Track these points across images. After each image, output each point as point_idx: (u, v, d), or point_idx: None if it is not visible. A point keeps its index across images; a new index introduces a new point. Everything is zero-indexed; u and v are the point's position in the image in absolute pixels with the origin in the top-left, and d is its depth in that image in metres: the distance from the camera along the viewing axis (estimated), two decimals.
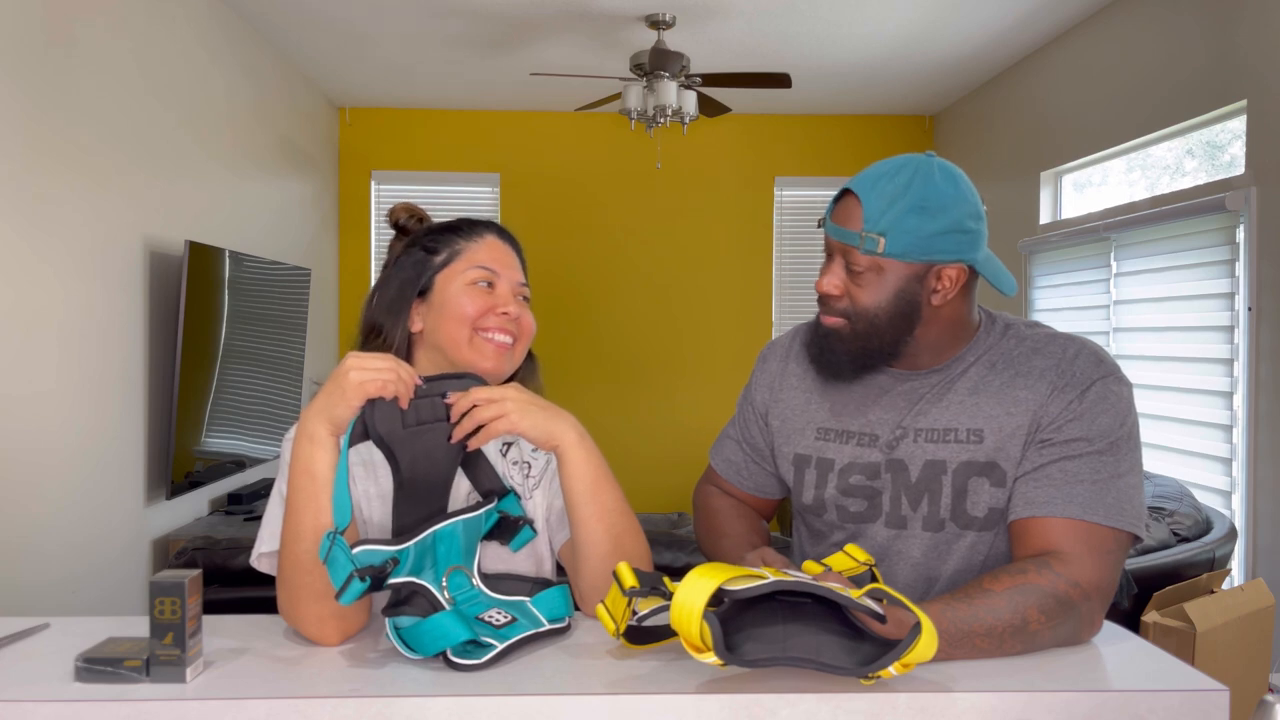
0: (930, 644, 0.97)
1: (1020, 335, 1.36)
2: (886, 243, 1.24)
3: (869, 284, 1.28)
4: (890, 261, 1.26)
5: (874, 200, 1.25)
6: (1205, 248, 3.44)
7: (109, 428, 3.17)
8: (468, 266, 1.31)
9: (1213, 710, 1.00)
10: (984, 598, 1.12)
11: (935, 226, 1.25)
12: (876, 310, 1.29)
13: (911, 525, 1.34)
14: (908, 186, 1.25)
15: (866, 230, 1.25)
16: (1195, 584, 2.43)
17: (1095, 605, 1.18)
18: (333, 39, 4.58)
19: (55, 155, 2.85)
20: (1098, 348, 1.32)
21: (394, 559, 1.08)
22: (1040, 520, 1.23)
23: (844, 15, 4.22)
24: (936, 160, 1.29)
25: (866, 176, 1.28)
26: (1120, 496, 1.22)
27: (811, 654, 0.99)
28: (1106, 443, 1.24)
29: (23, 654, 1.10)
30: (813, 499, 1.41)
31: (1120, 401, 1.27)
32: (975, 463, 1.29)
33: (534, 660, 1.09)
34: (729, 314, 6.04)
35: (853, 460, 1.37)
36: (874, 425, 1.36)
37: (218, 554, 2.51)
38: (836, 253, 1.31)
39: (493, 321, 1.29)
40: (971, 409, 1.31)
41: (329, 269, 5.68)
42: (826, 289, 1.32)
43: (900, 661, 0.96)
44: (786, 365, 1.49)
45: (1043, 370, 1.30)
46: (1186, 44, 3.55)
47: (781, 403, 1.47)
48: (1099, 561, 1.19)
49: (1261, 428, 3.14)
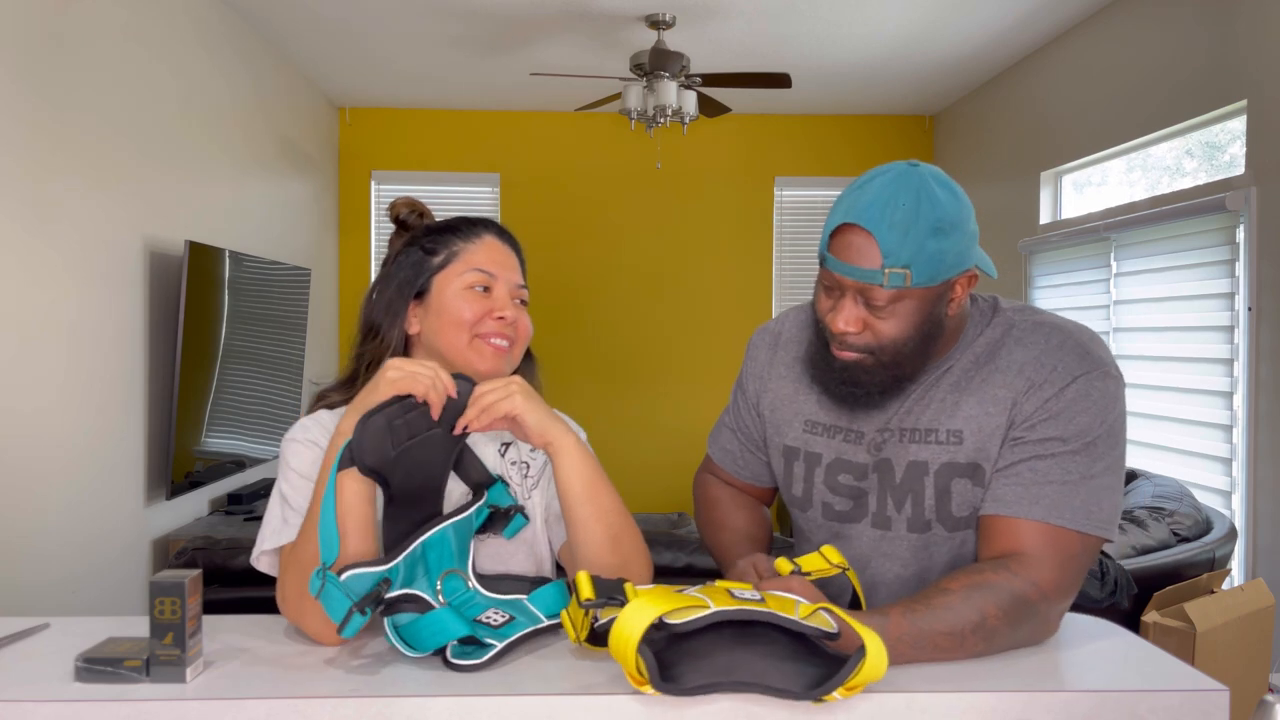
0: (879, 664, 0.95)
1: (1008, 322, 1.31)
2: (913, 274, 1.18)
3: (892, 316, 1.22)
4: (913, 290, 1.20)
5: (888, 233, 1.17)
6: (1205, 248, 3.44)
7: (109, 427, 3.17)
8: (465, 269, 1.30)
9: (1213, 710, 1.00)
10: (942, 597, 1.11)
11: (953, 243, 1.19)
12: (904, 339, 1.23)
13: (896, 526, 1.32)
14: (915, 210, 1.17)
15: (888, 266, 1.17)
16: (1195, 584, 2.43)
17: (1054, 606, 1.17)
18: (333, 39, 4.58)
19: (56, 155, 2.85)
20: (1087, 337, 1.27)
21: (386, 579, 1.07)
22: (1006, 520, 1.22)
23: (844, 15, 4.22)
24: (924, 169, 1.22)
25: (869, 207, 1.19)
26: (1090, 499, 1.20)
27: (757, 678, 0.97)
28: (1082, 443, 1.21)
29: (23, 654, 1.10)
30: (801, 492, 1.40)
31: (1103, 398, 1.22)
32: (956, 464, 1.27)
33: (534, 660, 1.09)
34: (729, 314, 6.04)
35: (838, 456, 1.35)
36: (860, 422, 1.34)
37: (218, 554, 2.51)
38: (849, 289, 1.22)
39: (489, 326, 1.29)
40: (952, 408, 1.28)
41: (329, 269, 5.68)
42: (844, 328, 1.23)
43: (845, 686, 0.95)
44: (775, 354, 1.46)
45: (1022, 365, 1.26)
46: (1186, 44, 3.55)
47: (771, 392, 1.45)
48: (1061, 565, 1.18)
49: (1261, 428, 3.14)
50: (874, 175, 1.22)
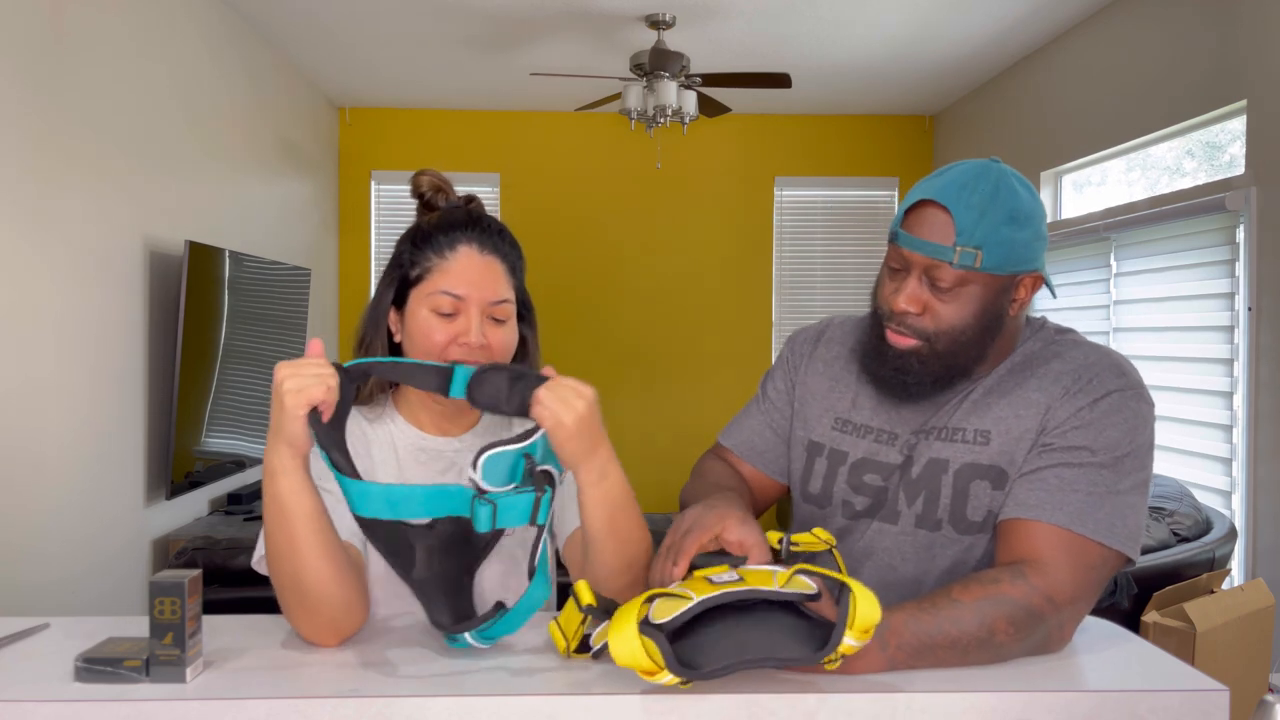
0: (869, 602, 0.96)
1: (1048, 339, 1.32)
2: (984, 256, 1.19)
3: (955, 299, 1.22)
4: (980, 275, 1.20)
5: (964, 212, 1.19)
6: (1205, 248, 3.44)
7: (109, 427, 3.17)
8: (432, 290, 1.26)
9: (1213, 710, 1.00)
10: (951, 608, 1.08)
11: (1026, 236, 1.21)
12: (963, 327, 1.23)
13: (903, 522, 1.31)
14: (994, 195, 1.20)
15: (960, 244, 1.19)
16: (1195, 584, 2.43)
17: (1067, 618, 1.14)
18: (333, 39, 4.57)
19: (56, 155, 2.85)
20: (1124, 362, 1.27)
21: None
22: (1027, 523, 1.20)
23: (844, 15, 4.22)
24: (1004, 166, 1.25)
25: (948, 186, 1.21)
26: (1114, 513, 1.18)
27: (769, 652, 0.98)
28: (1111, 456, 1.20)
29: (23, 654, 1.09)
30: (820, 489, 1.38)
31: (1135, 418, 1.22)
32: (979, 465, 1.26)
33: (534, 660, 1.09)
34: (729, 314, 6.04)
35: (867, 456, 1.34)
36: (895, 424, 1.33)
37: (218, 554, 2.51)
38: (916, 268, 1.23)
39: (455, 353, 1.25)
40: (983, 409, 1.28)
41: (329, 269, 5.68)
42: (905, 306, 1.24)
43: (851, 629, 0.94)
44: (815, 349, 1.45)
45: (1059, 374, 1.26)
46: (1186, 44, 3.55)
47: (804, 385, 1.44)
48: (1079, 576, 1.15)
49: (1261, 428, 3.14)
50: (953, 165, 1.25)
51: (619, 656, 0.95)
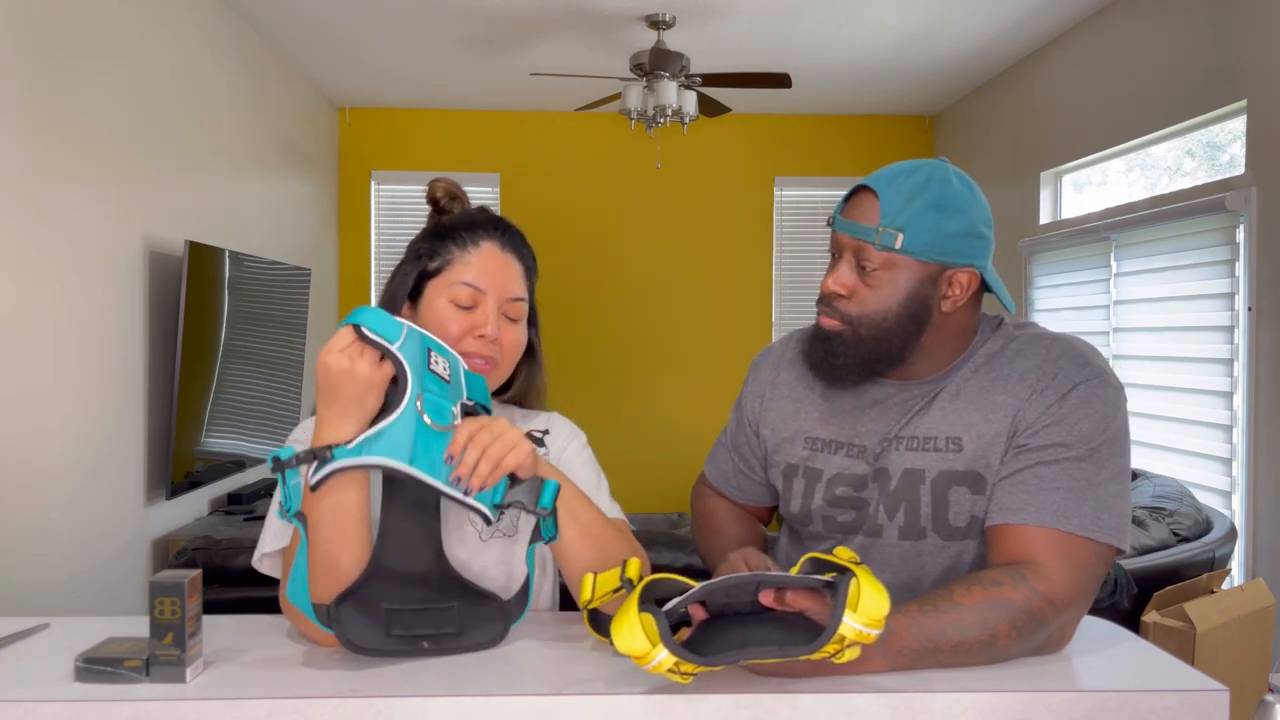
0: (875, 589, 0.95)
1: (1008, 335, 1.33)
2: (905, 238, 1.22)
3: (880, 283, 1.25)
4: (905, 259, 1.23)
5: (891, 196, 1.23)
6: (1205, 248, 3.44)
7: (109, 428, 3.17)
8: (453, 281, 1.27)
9: (1213, 710, 1.00)
10: (953, 611, 1.08)
11: (953, 227, 1.23)
12: (885, 312, 1.25)
13: (887, 534, 1.31)
14: (925, 185, 1.24)
15: (884, 225, 1.22)
16: (1195, 584, 2.42)
17: (1068, 619, 1.15)
18: (333, 39, 4.58)
19: (56, 155, 2.85)
20: (1086, 348, 1.28)
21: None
22: (1015, 528, 1.20)
23: (844, 15, 4.22)
24: (951, 166, 1.28)
25: (882, 174, 1.26)
26: (1098, 505, 1.19)
27: (773, 644, 0.98)
28: (1086, 449, 1.21)
29: (23, 654, 1.10)
30: (799, 509, 1.39)
31: (1104, 405, 1.23)
32: (954, 472, 1.27)
33: (534, 660, 1.09)
34: (729, 314, 6.04)
35: (840, 471, 1.35)
36: (863, 436, 1.34)
37: (218, 554, 2.51)
38: (847, 250, 1.28)
39: (471, 345, 1.25)
40: (952, 416, 1.28)
41: (329, 269, 5.68)
42: (833, 288, 1.28)
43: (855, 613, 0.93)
44: (778, 374, 1.46)
45: (1023, 373, 1.26)
46: (1186, 44, 3.55)
47: (772, 412, 1.45)
48: (1076, 576, 1.16)
49: (1261, 428, 3.14)
50: (906, 161, 1.29)
51: (619, 639, 0.95)
